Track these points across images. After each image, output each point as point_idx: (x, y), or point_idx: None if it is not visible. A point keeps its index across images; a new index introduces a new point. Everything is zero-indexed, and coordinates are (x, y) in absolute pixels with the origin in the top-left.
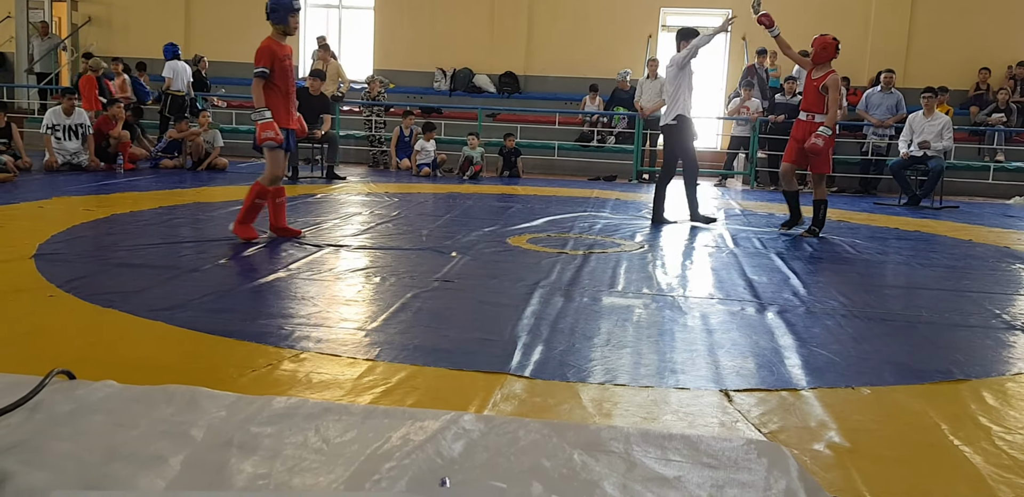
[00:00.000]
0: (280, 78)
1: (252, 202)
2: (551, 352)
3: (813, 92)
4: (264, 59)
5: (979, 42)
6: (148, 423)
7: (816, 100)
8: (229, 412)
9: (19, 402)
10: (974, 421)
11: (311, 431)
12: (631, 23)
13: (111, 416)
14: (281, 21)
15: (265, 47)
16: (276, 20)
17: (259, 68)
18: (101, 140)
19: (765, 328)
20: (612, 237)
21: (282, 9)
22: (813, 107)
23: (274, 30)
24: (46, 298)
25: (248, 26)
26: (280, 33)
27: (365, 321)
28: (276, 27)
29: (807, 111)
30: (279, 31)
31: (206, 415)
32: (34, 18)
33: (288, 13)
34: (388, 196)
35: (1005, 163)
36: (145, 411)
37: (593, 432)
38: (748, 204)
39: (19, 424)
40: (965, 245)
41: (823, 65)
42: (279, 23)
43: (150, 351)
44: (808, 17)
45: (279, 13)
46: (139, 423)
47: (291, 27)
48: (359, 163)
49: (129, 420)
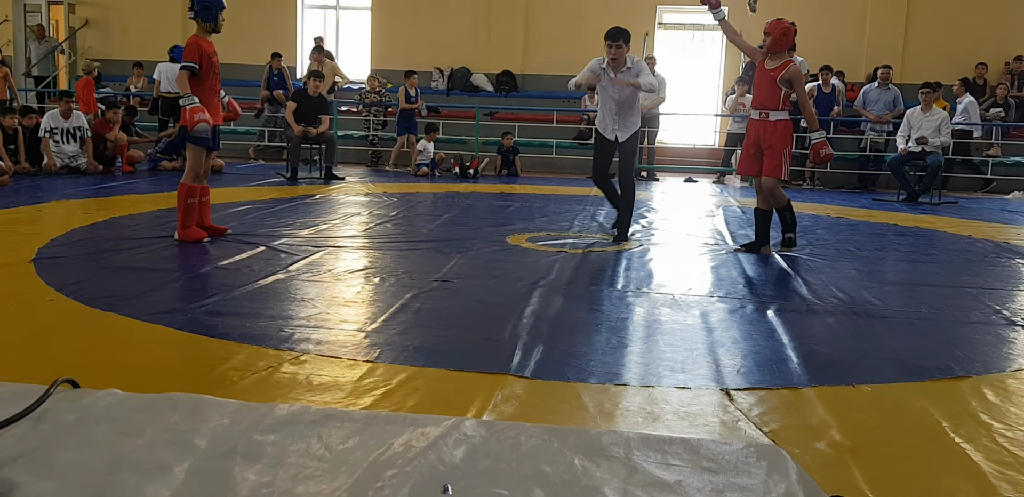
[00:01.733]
0: (206, 75)
1: (185, 204)
2: (551, 352)
3: (769, 85)
4: (193, 54)
5: (976, 37)
6: (153, 432)
7: (772, 94)
8: (232, 420)
9: (24, 412)
10: (975, 418)
11: (314, 438)
12: (628, 21)
13: (116, 425)
14: (211, 19)
15: (193, 43)
16: (205, 18)
17: (188, 62)
18: (99, 143)
19: (765, 326)
20: (611, 235)
21: (213, 7)
22: (768, 103)
23: (200, 27)
24: (46, 302)
25: (242, 29)
26: (207, 31)
27: (365, 322)
28: (203, 25)
29: (761, 109)
30: (206, 29)
31: (210, 423)
32: (31, 21)
33: (218, 11)
34: (387, 196)
35: (1003, 158)
36: (149, 420)
37: (594, 437)
38: (746, 201)
39: (24, 434)
40: (964, 241)
41: (779, 54)
42: (208, 21)
43: (150, 355)
44: (805, 13)
45: (210, 11)
46: (144, 432)
47: (219, 25)
48: (358, 163)
49: (134, 429)
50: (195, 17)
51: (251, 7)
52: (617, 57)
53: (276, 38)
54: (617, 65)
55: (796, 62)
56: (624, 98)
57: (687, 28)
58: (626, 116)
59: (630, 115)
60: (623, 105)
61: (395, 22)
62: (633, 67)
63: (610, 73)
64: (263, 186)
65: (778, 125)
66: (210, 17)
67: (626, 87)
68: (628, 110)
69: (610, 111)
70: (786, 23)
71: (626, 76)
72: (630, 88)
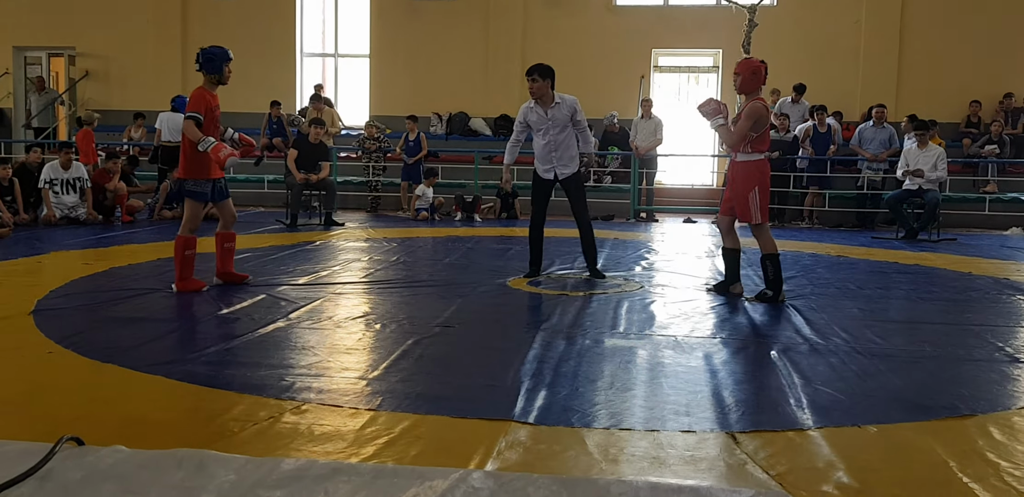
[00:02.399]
0: (209, 127)
1: (183, 255)
2: (555, 397)
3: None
4: (199, 106)
5: (968, 75)
6: (159, 490)
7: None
8: (239, 476)
9: (29, 471)
10: (982, 457)
11: (321, 494)
12: (624, 64)
13: (122, 483)
14: (216, 71)
15: (199, 95)
16: (211, 69)
17: (192, 112)
18: (99, 193)
19: (769, 367)
20: (611, 277)
21: (218, 59)
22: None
23: (206, 79)
24: (45, 355)
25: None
26: (213, 82)
27: (366, 370)
28: (209, 76)
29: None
30: (211, 80)
31: (216, 480)
32: (31, 73)
33: (224, 62)
34: (387, 241)
35: (1000, 194)
36: (155, 477)
37: (603, 487)
38: (746, 241)
39: (30, 494)
40: (965, 278)
41: (752, 94)
42: (213, 72)
43: (151, 407)
44: (799, 54)
45: (215, 62)
46: (149, 490)
47: (225, 77)
48: (358, 209)
49: (140, 487)
50: (201, 69)
51: (251, 55)
52: (535, 90)
53: (276, 86)
54: (545, 101)
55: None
56: (560, 135)
57: (682, 71)
58: (564, 153)
59: (568, 152)
60: (561, 143)
61: (393, 69)
62: (564, 103)
63: (539, 111)
64: (263, 233)
65: (743, 166)
66: (215, 69)
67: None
68: (565, 148)
69: (547, 149)
70: (756, 62)
71: (558, 111)
72: (564, 126)
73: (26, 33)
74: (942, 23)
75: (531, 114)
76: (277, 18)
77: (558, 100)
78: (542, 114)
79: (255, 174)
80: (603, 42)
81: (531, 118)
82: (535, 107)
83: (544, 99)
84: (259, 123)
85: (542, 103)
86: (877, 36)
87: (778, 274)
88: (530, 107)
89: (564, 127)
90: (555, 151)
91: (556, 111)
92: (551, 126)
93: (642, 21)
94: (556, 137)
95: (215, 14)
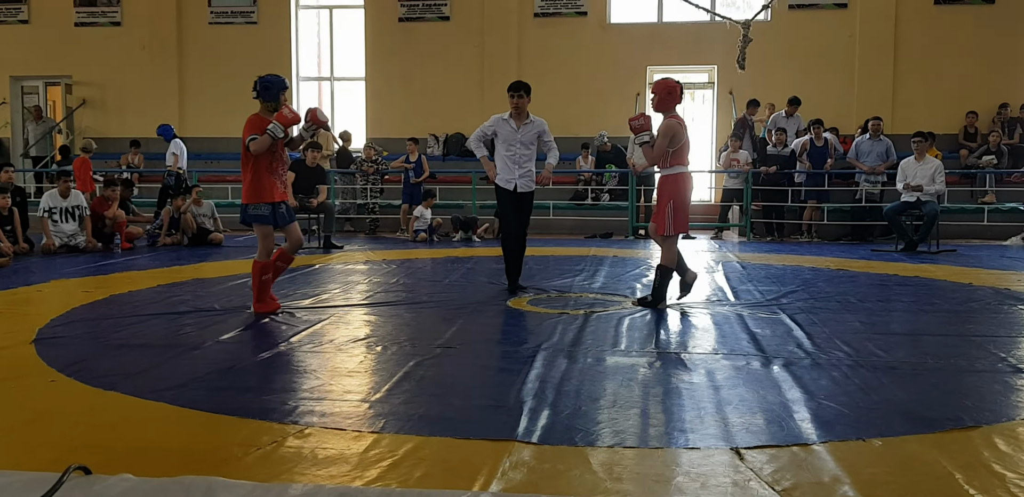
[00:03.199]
0: (267, 152)
1: (259, 280)
2: (557, 416)
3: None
4: (257, 129)
5: (964, 86)
6: None
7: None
8: None
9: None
10: (988, 469)
11: None
12: (619, 82)
13: None
14: (273, 99)
15: (256, 120)
16: (267, 98)
17: (251, 136)
18: (97, 221)
19: (772, 382)
20: (612, 295)
21: (275, 88)
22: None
23: (262, 107)
24: (47, 383)
25: (239, 103)
26: (268, 110)
27: (368, 392)
28: (266, 104)
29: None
30: (267, 108)
31: None
32: (29, 102)
33: (280, 91)
34: (386, 263)
35: (998, 204)
36: None
37: None
38: (745, 256)
39: None
40: (966, 289)
41: (668, 112)
42: (269, 100)
43: (154, 433)
44: (794, 68)
45: (271, 91)
46: None
47: (280, 104)
48: (356, 232)
49: None
50: (258, 97)
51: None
52: (521, 106)
53: None
54: (520, 118)
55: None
56: (525, 152)
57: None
58: (526, 169)
59: (529, 168)
60: (524, 158)
61: (389, 91)
62: (534, 123)
63: (512, 125)
64: None
65: (664, 180)
66: (272, 97)
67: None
68: (527, 162)
69: (511, 161)
70: (671, 82)
71: (529, 129)
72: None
73: (23, 62)
74: (936, 35)
75: (503, 126)
76: (272, 43)
77: (531, 119)
78: (514, 128)
79: None
80: (598, 60)
81: (503, 129)
82: (509, 120)
83: (521, 115)
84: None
85: (517, 119)
86: (871, 49)
87: (664, 285)
88: (503, 119)
89: (530, 145)
90: (518, 164)
91: (527, 128)
92: (518, 141)
93: (636, 38)
94: (520, 151)
95: (211, 40)
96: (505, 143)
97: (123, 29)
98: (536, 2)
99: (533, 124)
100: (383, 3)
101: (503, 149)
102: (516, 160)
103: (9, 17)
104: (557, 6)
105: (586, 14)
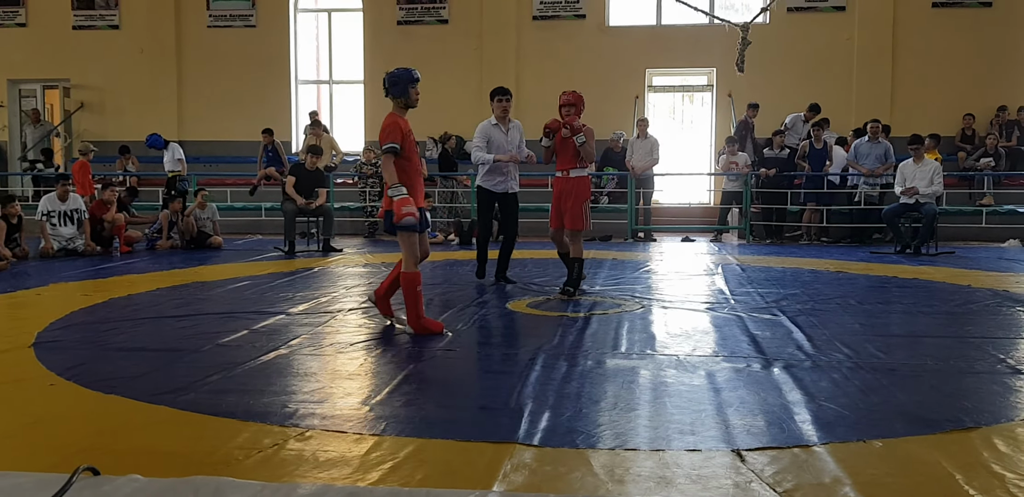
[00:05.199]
0: (410, 155)
1: (414, 293)
2: (558, 419)
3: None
4: (394, 135)
5: (962, 89)
6: None
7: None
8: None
9: None
10: (988, 469)
11: None
12: (618, 84)
13: None
14: (402, 94)
15: (392, 123)
16: (397, 93)
17: (388, 144)
18: (96, 224)
19: (772, 384)
20: (611, 298)
21: (402, 82)
22: (567, 164)
23: (395, 104)
24: (47, 387)
25: (237, 106)
26: (402, 107)
27: (369, 395)
28: (397, 101)
29: (563, 169)
30: (400, 105)
31: None
32: (27, 106)
33: (409, 84)
34: (385, 266)
35: (996, 207)
36: None
37: None
38: (745, 258)
39: None
40: (964, 290)
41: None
42: (400, 96)
43: (155, 437)
44: (792, 72)
45: (399, 86)
46: None
47: (412, 99)
48: (355, 234)
49: None
50: (388, 95)
51: (245, 84)
52: (508, 109)
53: (271, 114)
54: (505, 121)
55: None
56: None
57: (676, 90)
58: (515, 171)
59: (517, 170)
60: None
61: None
62: (515, 125)
63: (501, 129)
64: (261, 261)
65: (579, 181)
66: (401, 92)
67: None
68: (515, 165)
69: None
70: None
71: (515, 131)
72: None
73: (21, 66)
74: (934, 38)
75: (494, 132)
76: (271, 46)
77: (514, 122)
78: (503, 132)
79: (252, 202)
80: (596, 63)
81: (495, 135)
82: (498, 125)
83: (506, 119)
84: (255, 151)
85: (503, 122)
86: (869, 52)
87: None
88: (492, 124)
89: (517, 146)
90: (512, 168)
91: (513, 131)
92: (508, 142)
93: (635, 41)
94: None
95: (209, 43)
96: (498, 148)
97: (121, 32)
98: (535, 5)
99: (515, 126)
100: (382, 6)
101: (495, 154)
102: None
103: (7, 20)
104: (556, 9)
105: (585, 17)
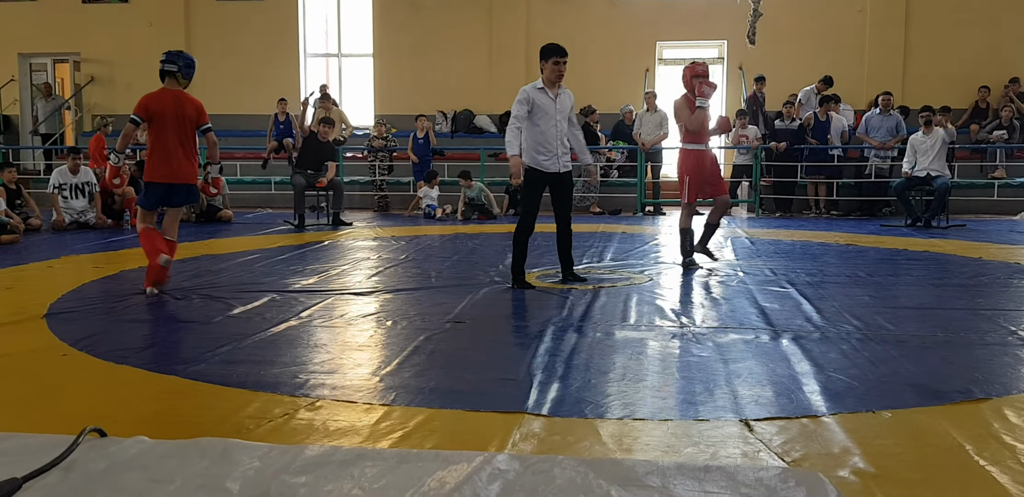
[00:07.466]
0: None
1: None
2: (567, 389)
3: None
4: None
5: (975, 60)
6: (184, 478)
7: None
8: (263, 463)
9: (53, 462)
10: (998, 440)
11: (346, 479)
12: (628, 57)
13: (146, 472)
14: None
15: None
16: (188, 76)
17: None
18: (107, 197)
19: (781, 355)
20: (620, 271)
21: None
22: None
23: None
24: (59, 357)
25: (246, 80)
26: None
27: (379, 366)
28: (183, 82)
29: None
30: (183, 85)
31: (240, 467)
32: (37, 80)
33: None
34: (395, 240)
35: (1009, 179)
36: (179, 466)
37: (629, 467)
38: (755, 231)
39: (55, 484)
40: (975, 263)
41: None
42: (188, 79)
43: (166, 406)
44: (803, 44)
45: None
46: (174, 478)
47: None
48: (364, 208)
49: (164, 475)
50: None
51: (254, 57)
52: (563, 73)
53: (280, 87)
54: (556, 86)
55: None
56: (564, 125)
57: (687, 63)
58: (567, 145)
59: (568, 144)
60: (565, 132)
61: (397, 68)
62: (566, 92)
63: (549, 94)
64: (271, 234)
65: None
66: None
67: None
68: (567, 138)
69: (555, 138)
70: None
71: (566, 98)
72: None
73: (31, 40)
74: (947, 9)
75: (540, 97)
76: (280, 19)
77: (564, 88)
78: (552, 98)
79: (262, 176)
80: (607, 36)
81: (541, 101)
82: (544, 89)
83: (557, 85)
84: (265, 124)
85: (552, 87)
86: (882, 24)
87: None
88: (538, 88)
89: (567, 117)
90: (559, 140)
91: (564, 98)
92: (558, 111)
93: (645, 14)
94: (561, 124)
95: (218, 17)
96: (544, 117)
97: (130, 6)
98: None
99: (566, 93)
100: None
101: (541, 124)
102: (557, 136)
103: None
104: None
105: None
